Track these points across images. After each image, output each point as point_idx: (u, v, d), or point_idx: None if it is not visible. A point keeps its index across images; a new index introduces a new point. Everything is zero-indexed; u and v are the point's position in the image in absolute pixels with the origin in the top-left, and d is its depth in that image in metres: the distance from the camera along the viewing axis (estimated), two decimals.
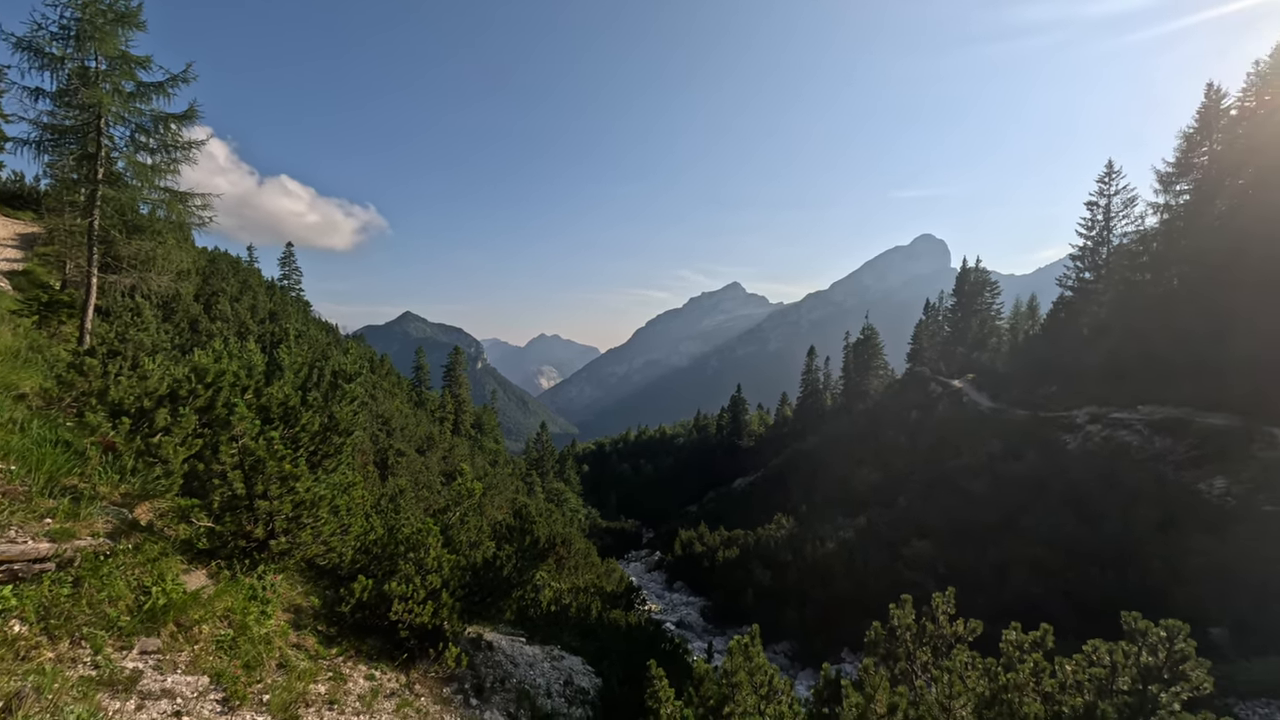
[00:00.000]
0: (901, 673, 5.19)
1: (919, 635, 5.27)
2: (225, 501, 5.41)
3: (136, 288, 12.25)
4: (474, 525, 10.91)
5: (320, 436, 6.78)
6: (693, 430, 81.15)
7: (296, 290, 48.59)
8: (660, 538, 45.86)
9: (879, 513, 30.33)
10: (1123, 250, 37.84)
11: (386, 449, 20.79)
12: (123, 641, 4.22)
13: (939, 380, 46.60)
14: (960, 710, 3.79)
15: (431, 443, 28.56)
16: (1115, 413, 27.06)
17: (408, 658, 6.54)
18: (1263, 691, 10.79)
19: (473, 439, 48.23)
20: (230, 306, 19.56)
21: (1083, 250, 40.44)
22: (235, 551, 5.73)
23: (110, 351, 7.20)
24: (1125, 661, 4.06)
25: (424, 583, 6.90)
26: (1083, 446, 26.32)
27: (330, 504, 6.47)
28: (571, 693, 8.85)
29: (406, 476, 18.05)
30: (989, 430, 33.15)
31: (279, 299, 30.81)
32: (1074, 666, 4.16)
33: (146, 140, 12.09)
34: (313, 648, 5.74)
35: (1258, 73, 29.88)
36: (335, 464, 6.92)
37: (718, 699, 4.68)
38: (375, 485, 14.18)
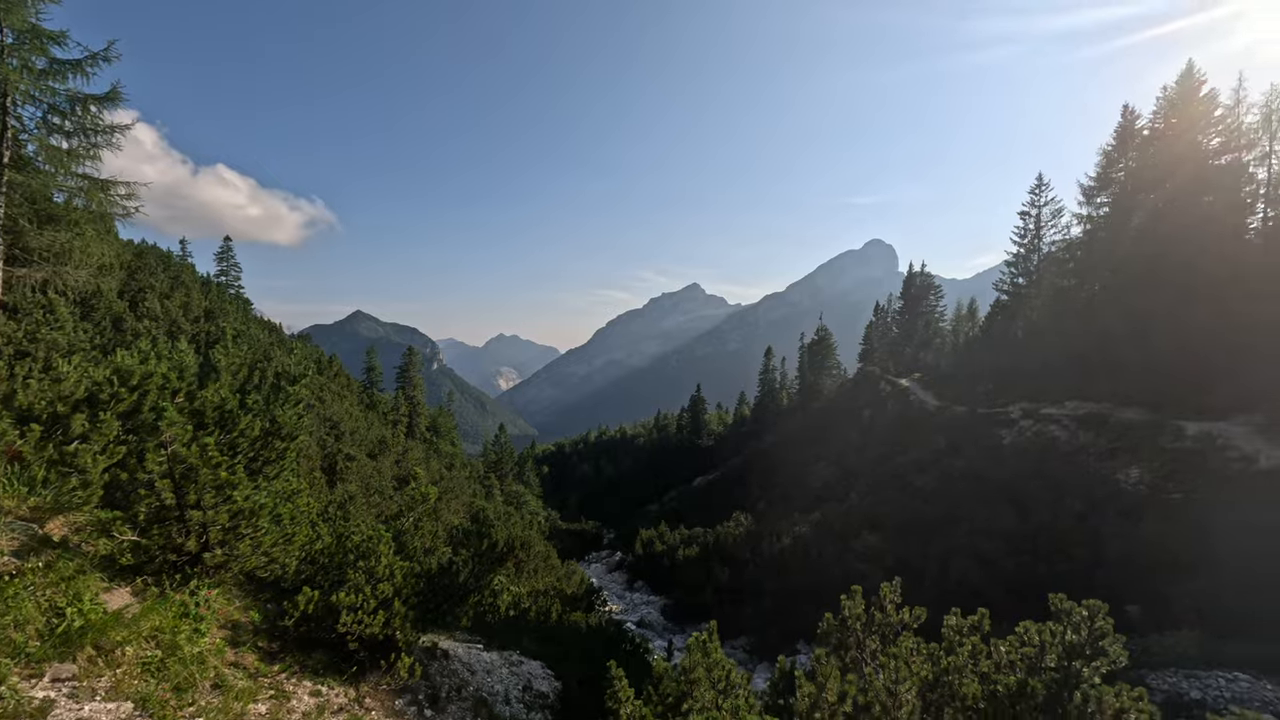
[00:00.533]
0: (852, 661, 5.39)
1: (868, 624, 5.49)
2: (152, 513, 5.05)
3: (50, 283, 11.22)
4: (429, 531, 10.60)
5: (261, 442, 6.42)
6: (653, 430, 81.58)
7: (236, 287, 45.82)
8: (621, 538, 45.86)
9: (832, 508, 31.38)
10: (1051, 257, 40.62)
11: (335, 453, 19.91)
12: (32, 669, 3.88)
13: (888, 379, 48.65)
14: (906, 694, 3.98)
15: (384, 446, 27.55)
16: (1045, 409, 28.99)
17: (357, 670, 6.29)
18: (1171, 662, 11.80)
19: (428, 442, 46.83)
20: (160, 304, 18.18)
21: (1016, 257, 43.14)
22: (164, 566, 5.35)
23: (18, 352, 6.58)
24: (1052, 640, 4.36)
25: (375, 592, 6.65)
26: (1016, 441, 28.07)
27: (272, 513, 6.14)
28: (531, 698, 8.74)
29: (357, 482, 17.34)
30: (933, 427, 34.87)
31: (216, 296, 28.91)
32: (1008, 647, 4.44)
33: (61, 122, 11.05)
34: (252, 665, 5.43)
35: (1166, 98, 32.70)
36: (278, 470, 6.57)
37: (676, 696, 4.72)
38: (323, 492, 13.56)
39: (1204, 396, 22.91)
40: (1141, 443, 22.48)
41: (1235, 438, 20.57)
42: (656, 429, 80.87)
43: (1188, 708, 10.24)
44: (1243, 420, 21.61)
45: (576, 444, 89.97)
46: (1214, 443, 20.55)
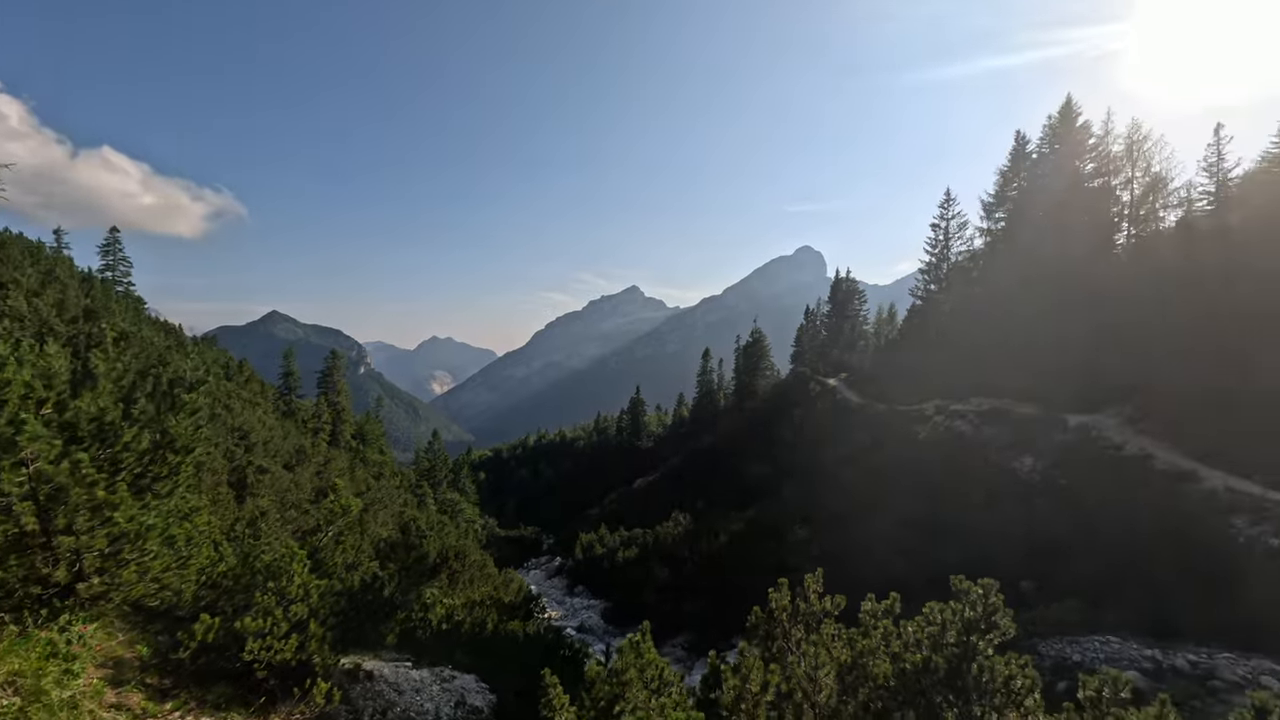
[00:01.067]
0: (779, 651, 5.61)
1: (793, 615, 5.73)
2: (10, 541, 4.42)
3: None
4: (351, 545, 9.97)
5: (150, 456, 5.79)
6: (593, 433, 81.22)
7: (125, 284, 41.15)
8: (561, 543, 45.27)
9: (766, 504, 32.57)
10: (958, 266, 44.37)
11: (245, 466, 18.29)
12: None
13: (817, 379, 51.16)
14: (825, 678, 4.20)
15: (303, 456, 25.65)
16: (954, 405, 31.56)
17: (267, 702, 5.83)
18: (1057, 630, 13.19)
19: (354, 451, 44.12)
20: (27, 302, 15.89)
21: (928, 265, 46.75)
22: (26, 600, 4.70)
23: None
24: (953, 618, 4.75)
25: (287, 614, 6.18)
26: (930, 436, 30.36)
27: (163, 534, 5.56)
28: (464, 714, 8.44)
29: (270, 496, 16.02)
30: (857, 424, 37.05)
31: (100, 294, 25.71)
32: (915, 627, 4.80)
33: None
34: (139, 706, 4.88)
35: (1049, 125, 36.66)
36: (171, 487, 5.96)
37: (609, 699, 4.73)
38: (229, 509, 12.42)
39: (1082, 392, 25.81)
40: (1034, 435, 24.97)
41: (1107, 429, 23.31)
42: (596, 432, 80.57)
43: (1070, 670, 11.47)
44: (1114, 413, 24.52)
45: (515, 448, 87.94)
46: (1090, 434, 23.20)
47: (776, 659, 5.18)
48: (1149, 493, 18.67)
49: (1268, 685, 10.04)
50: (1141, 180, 32.39)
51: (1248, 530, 15.29)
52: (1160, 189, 31.63)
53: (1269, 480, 17.19)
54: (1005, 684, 4.19)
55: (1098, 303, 28.84)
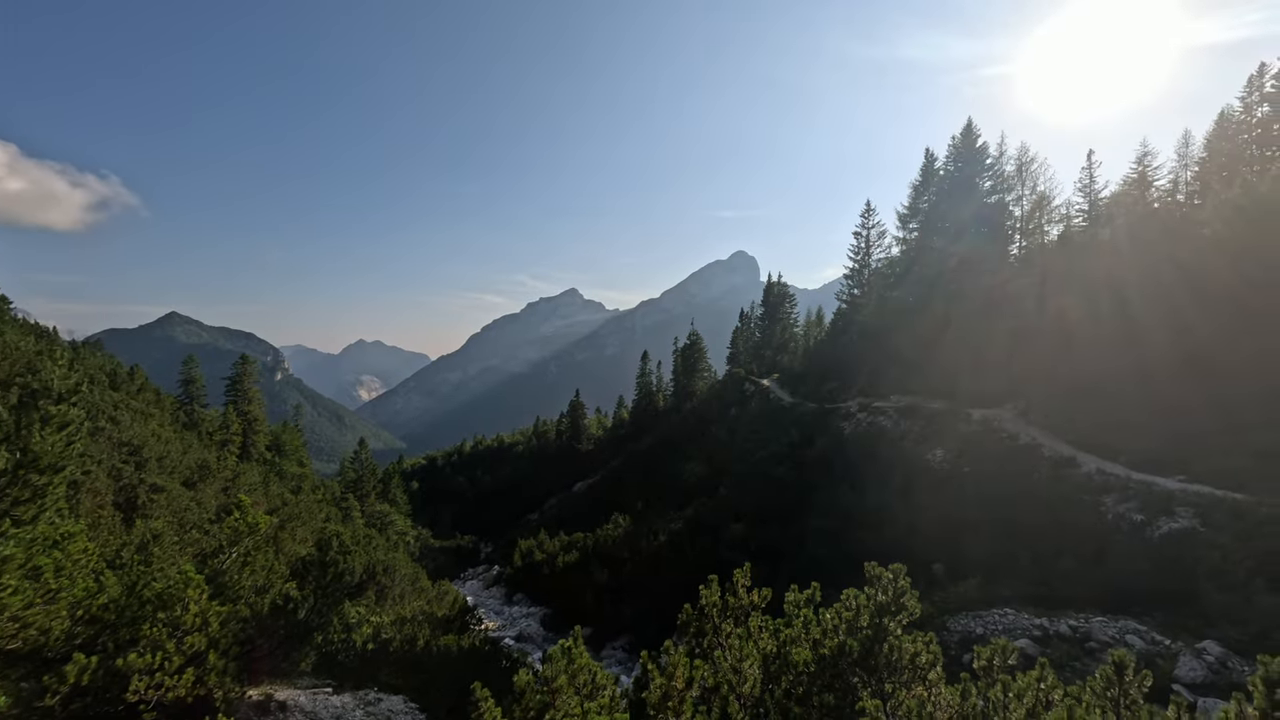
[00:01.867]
0: (709, 646, 5.75)
1: (724, 610, 5.90)
2: None
3: None
4: (262, 566, 9.19)
5: (9, 478, 5.10)
6: (532, 438, 79.71)
7: None
8: (499, 550, 44.06)
9: (704, 503, 33.27)
10: (878, 272, 47.49)
11: (135, 485, 16.41)
12: None
13: (751, 380, 52.97)
14: (749, 669, 4.36)
15: (206, 472, 23.36)
16: (876, 402, 33.69)
17: None
18: (964, 606, 14.39)
19: (268, 463, 40.77)
20: None
21: (852, 271, 49.72)
22: None
23: None
24: (866, 603, 5.08)
25: (180, 647, 5.63)
26: (854, 431, 32.23)
27: (24, 565, 4.90)
28: None
29: (166, 517, 14.46)
30: (789, 422, 38.69)
31: None
32: (832, 614, 5.08)
33: None
34: None
35: (953, 145, 40.08)
36: (34, 512, 5.26)
37: (539, 707, 4.66)
38: (115, 533, 11.10)
39: (983, 389, 28.36)
40: (943, 428, 27.13)
41: (1005, 421, 25.74)
42: (536, 436, 79.16)
43: (975, 643, 12.52)
44: (1010, 407, 27.12)
45: (450, 455, 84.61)
46: (991, 425, 25.52)
47: (707, 655, 5.31)
48: (1038, 477, 20.82)
49: (1131, 643, 11.46)
50: (1030, 197, 36.12)
51: (1115, 508, 17.40)
52: (1045, 206, 35.41)
53: (1132, 462, 19.66)
54: (912, 661, 4.53)
55: (995, 307, 31.85)
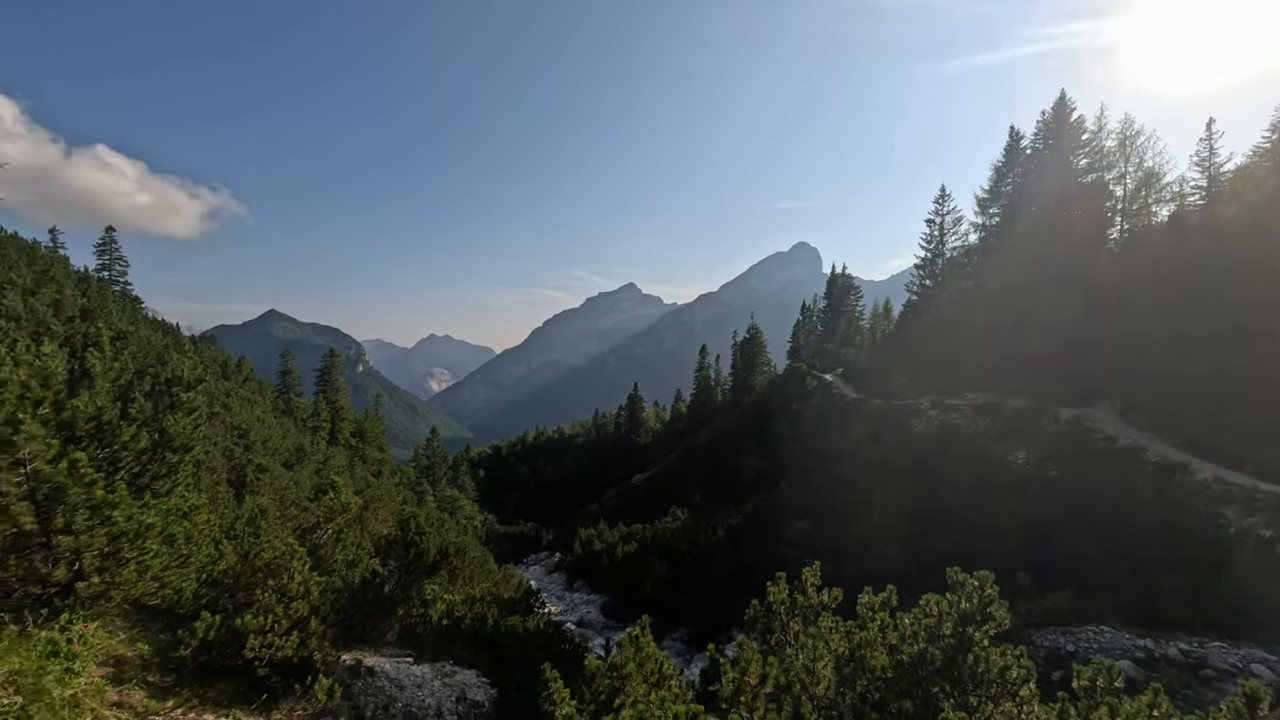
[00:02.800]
0: (777, 644, 5.66)
1: (791, 608, 5.78)
2: (9, 541, 4.43)
3: None
4: (352, 542, 9.98)
5: (149, 455, 5.79)
6: (591, 430, 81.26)
7: (121, 283, 40.88)
8: (560, 538, 45.37)
9: (763, 499, 32.69)
10: (953, 262, 44.50)
11: (244, 465, 18.23)
12: None
13: (814, 375, 51.31)
14: (823, 670, 4.25)
15: (302, 455, 25.58)
16: (949, 399, 31.71)
17: (269, 698, 5.85)
18: (1051, 621, 13.32)
19: (353, 449, 44.03)
20: (23, 301, 15.78)
21: (924, 261, 46.88)
22: (26, 600, 4.71)
23: None
24: (949, 610, 4.81)
25: (288, 611, 6.21)
26: (925, 429, 30.51)
27: (163, 533, 5.57)
28: (465, 708, 8.49)
29: (270, 494, 15.99)
30: (854, 418, 37.19)
31: (96, 293, 25.56)
32: (911, 619, 4.85)
33: None
34: (140, 703, 4.90)
35: (1043, 121, 36.71)
36: (170, 486, 5.96)
37: (609, 693, 4.77)
38: (229, 507, 12.40)
39: (1075, 386, 25.98)
40: (1027, 427, 25.13)
41: (1100, 421, 23.49)
42: (595, 428, 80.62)
43: (1065, 660, 11.60)
44: (1106, 406, 24.71)
45: (514, 445, 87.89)
46: (1083, 425, 23.36)
47: (775, 651, 5.23)
48: (1141, 484, 18.86)
49: (1258, 674, 10.19)
50: (1134, 175, 32.49)
51: (1239, 521, 15.46)
52: (1153, 184, 31.75)
53: (1260, 472, 17.38)
54: (1001, 675, 4.25)
55: (1090, 297, 29.00)
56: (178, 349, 23.64)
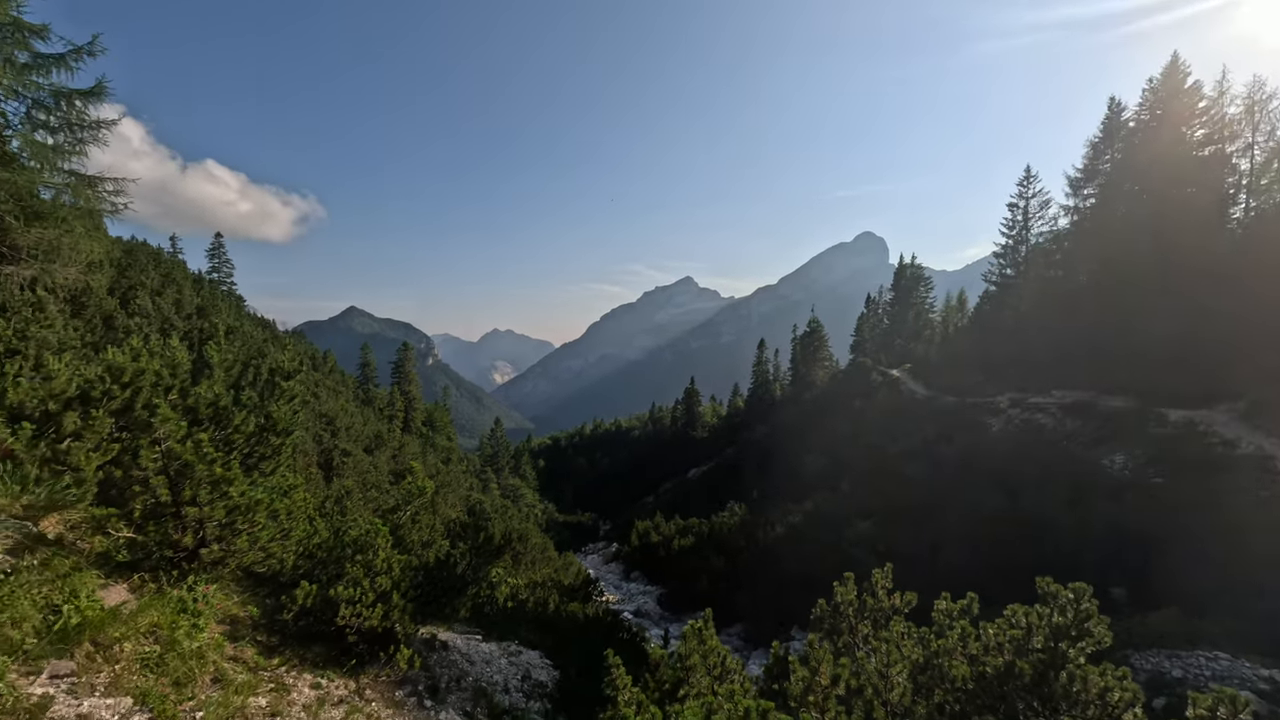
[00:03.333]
0: (844, 646, 5.50)
1: (860, 610, 5.60)
2: (148, 510, 5.05)
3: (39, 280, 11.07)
4: (426, 524, 10.62)
5: (256, 437, 6.41)
6: (648, 423, 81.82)
7: (228, 284, 45.29)
8: (617, 529, 46.12)
9: (825, 497, 31.71)
10: (1039, 249, 40.98)
11: (331, 449, 19.82)
12: (29, 666, 3.88)
13: (879, 370, 49.02)
14: (897, 676, 4.08)
15: (380, 441, 27.45)
16: (1032, 397, 29.38)
17: (357, 663, 6.34)
18: (1153, 642, 12.11)
19: (424, 437, 46.70)
20: (151, 301, 17.95)
21: (1004, 248, 43.48)
22: (161, 562, 5.36)
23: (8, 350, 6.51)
24: (1039, 622, 4.48)
25: (373, 585, 6.68)
26: (1004, 429, 28.44)
27: (268, 508, 6.15)
28: (530, 687, 8.83)
29: (353, 477, 17.30)
30: (923, 416, 35.24)
31: (208, 293, 28.60)
32: (996, 630, 4.56)
33: (46, 118, 10.82)
34: (252, 659, 5.46)
35: (1151, 89, 32.94)
36: (274, 466, 6.57)
37: (673, 682, 4.82)
38: (319, 487, 13.52)
39: (1187, 385, 23.30)
40: (1126, 429, 22.86)
41: (1217, 424, 20.97)
42: (651, 422, 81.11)
43: (1170, 686, 10.52)
44: (1225, 408, 22.02)
45: (572, 437, 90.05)
46: (1196, 429, 20.95)
47: (843, 653, 5.09)
48: (1267, 495, 16.71)
49: None
50: (1264, 147, 28.54)
51: None
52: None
53: None
54: (1100, 696, 3.92)
55: (1207, 285, 25.84)
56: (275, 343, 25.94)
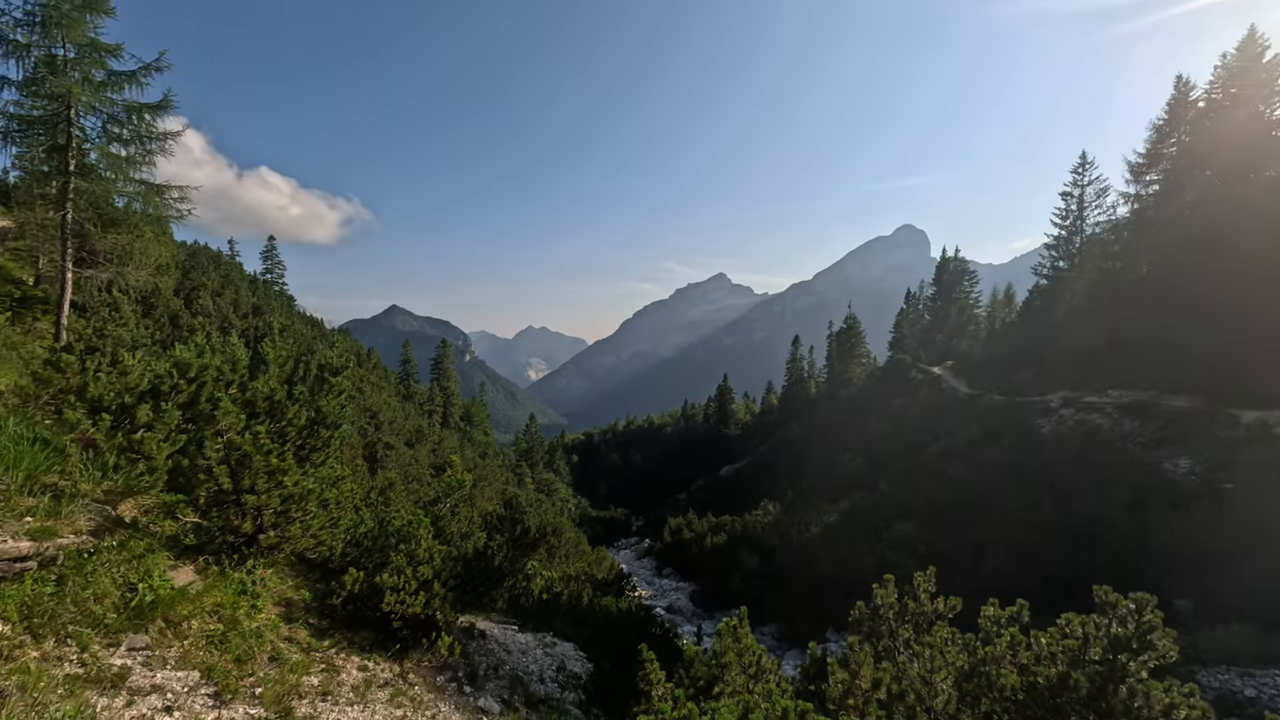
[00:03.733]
0: (884, 649, 5.37)
1: (901, 613, 5.45)
2: (211, 497, 5.37)
3: (114, 282, 11.93)
4: (465, 516, 10.91)
5: (307, 430, 6.73)
6: (680, 420, 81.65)
7: (280, 284, 47.58)
8: (649, 525, 46.27)
9: (862, 497, 30.95)
10: (1095, 239, 38.74)
11: (375, 442, 20.60)
12: (110, 639, 4.18)
13: (919, 367, 47.44)
14: (941, 683, 3.95)
15: (420, 435, 28.35)
16: (1087, 396, 27.85)
17: (401, 648, 6.58)
18: (1223, 659, 11.34)
19: (462, 431, 47.95)
20: (212, 301, 19.10)
21: (1057, 240, 41.29)
22: (223, 546, 5.69)
23: (88, 348, 7.04)
24: (1096, 633, 4.26)
25: (416, 574, 6.92)
26: (1056, 429, 27.07)
27: (319, 497, 6.44)
28: (564, 678, 8.98)
29: (396, 469, 17.94)
30: (967, 415, 33.91)
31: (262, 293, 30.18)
32: (1048, 639, 4.35)
33: (120, 131, 11.66)
34: (305, 640, 5.74)
35: (1224, 66, 30.59)
36: (323, 458, 6.88)
37: (707, 679, 4.81)
38: (364, 478, 14.08)
39: (1260, 384, 21.63)
40: (1192, 431, 21.41)
41: None
42: (684, 418, 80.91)
43: (1241, 706, 9.85)
44: None
45: (605, 433, 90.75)
46: (1272, 431, 19.45)
47: (884, 657, 4.97)
48: None
49: None
50: None
51: None
52: None
53: None
54: (1165, 714, 3.70)
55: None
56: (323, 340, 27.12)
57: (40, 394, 6.19)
